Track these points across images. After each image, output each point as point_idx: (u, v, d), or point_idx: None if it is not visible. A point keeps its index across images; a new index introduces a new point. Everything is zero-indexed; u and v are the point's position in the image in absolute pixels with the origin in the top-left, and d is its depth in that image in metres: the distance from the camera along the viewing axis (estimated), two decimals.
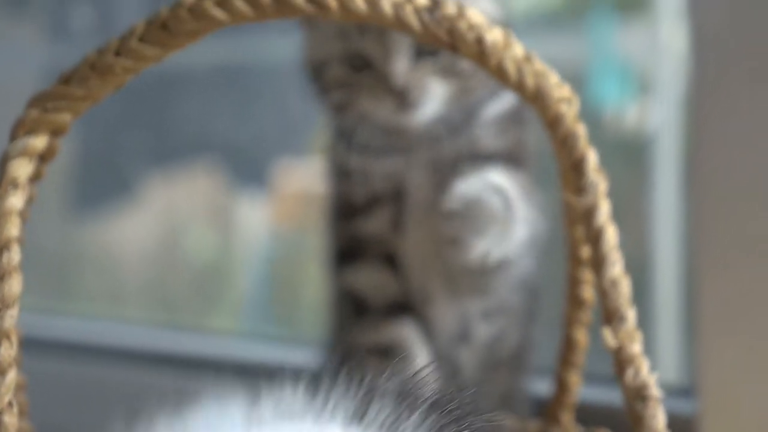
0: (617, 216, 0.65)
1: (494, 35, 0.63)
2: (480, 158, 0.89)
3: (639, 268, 1.29)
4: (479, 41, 0.62)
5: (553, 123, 0.64)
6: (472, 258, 0.84)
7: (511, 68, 0.63)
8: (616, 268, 0.63)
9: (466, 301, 0.91)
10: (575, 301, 0.75)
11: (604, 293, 0.62)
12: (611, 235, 0.63)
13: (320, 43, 0.89)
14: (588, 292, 0.76)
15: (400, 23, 0.61)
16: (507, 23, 0.88)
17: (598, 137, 1.43)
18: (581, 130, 0.64)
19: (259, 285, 1.74)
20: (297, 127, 1.61)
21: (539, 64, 0.64)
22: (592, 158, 0.64)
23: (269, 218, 1.75)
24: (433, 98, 0.86)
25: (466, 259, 0.85)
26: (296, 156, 1.61)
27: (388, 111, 0.86)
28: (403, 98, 0.85)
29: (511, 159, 0.90)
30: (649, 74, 1.39)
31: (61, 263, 1.78)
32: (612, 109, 1.46)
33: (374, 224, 0.91)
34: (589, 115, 1.43)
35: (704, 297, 0.96)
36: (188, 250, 1.81)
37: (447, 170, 0.88)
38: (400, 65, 0.85)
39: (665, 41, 1.30)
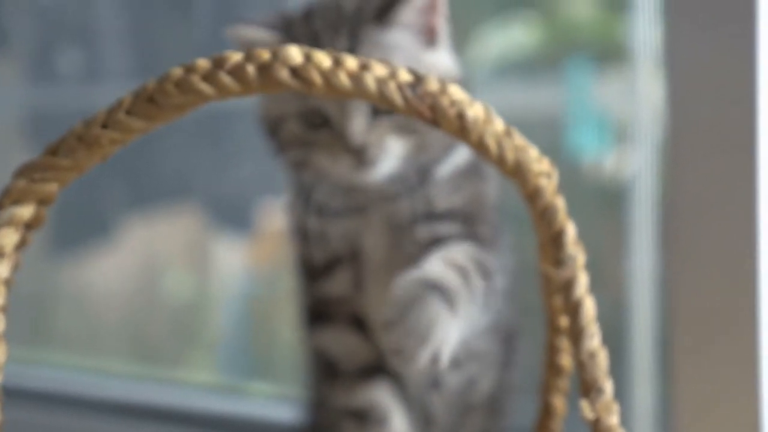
0: (595, 264, 0.66)
1: (475, 111, 0.64)
2: (435, 217, 0.89)
3: (615, 316, 1.29)
4: (460, 117, 0.63)
5: (532, 196, 0.65)
6: (420, 368, 0.79)
7: (491, 143, 0.64)
8: (594, 341, 0.64)
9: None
10: (553, 369, 0.76)
11: (581, 365, 0.63)
12: (589, 308, 0.64)
13: (276, 100, 0.89)
14: (566, 360, 0.77)
15: (383, 99, 0.62)
16: (466, 81, 0.90)
17: (576, 185, 1.45)
18: (560, 203, 0.66)
19: (237, 325, 1.74)
20: (276, 168, 1.62)
21: (519, 139, 0.65)
22: (571, 231, 0.65)
23: (248, 258, 1.75)
24: (390, 156, 0.86)
25: (415, 370, 0.81)
26: (276, 196, 1.61)
27: (345, 169, 0.86)
28: (360, 156, 0.85)
29: (468, 216, 0.90)
30: (626, 123, 1.39)
31: (37, 305, 1.77)
32: (590, 158, 1.46)
33: (336, 286, 0.91)
34: (567, 163, 1.45)
35: (679, 365, 0.97)
36: (166, 292, 1.80)
37: (404, 230, 0.89)
38: (358, 124, 0.85)
39: (642, 90, 1.30)
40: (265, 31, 0.88)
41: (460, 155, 0.90)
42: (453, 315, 0.79)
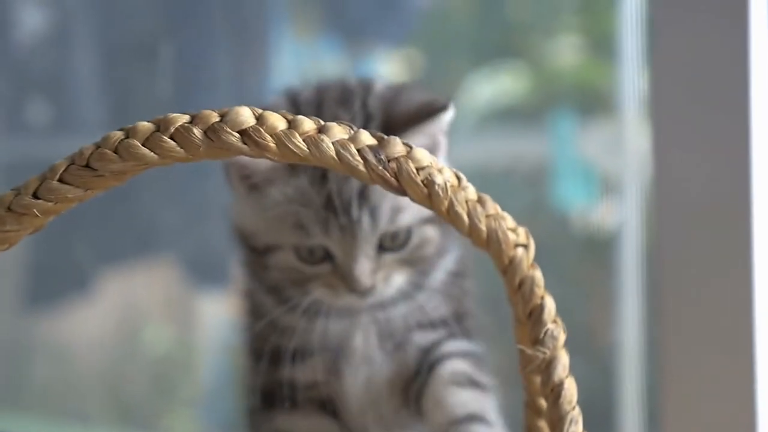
0: (581, 314, 0.60)
1: (445, 177, 0.57)
2: (428, 326, 0.85)
3: (602, 370, 1.26)
4: (429, 184, 0.57)
5: (507, 269, 0.59)
6: None
7: (462, 212, 0.58)
8: (576, 427, 0.57)
9: None
10: None
11: None
12: (570, 392, 0.57)
13: (270, 230, 0.82)
14: None
15: (343, 165, 0.56)
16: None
17: (562, 235, 1.41)
18: (538, 276, 0.59)
19: (220, 379, 1.69)
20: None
21: (492, 207, 0.59)
22: (550, 307, 0.59)
23: (230, 310, 1.69)
24: (393, 287, 0.82)
25: None
26: None
27: (344, 301, 0.82)
28: (363, 293, 0.81)
29: (458, 316, 0.86)
30: (612, 173, 1.37)
31: (12, 360, 1.71)
32: (576, 208, 1.44)
33: (307, 373, 0.85)
34: (554, 213, 1.42)
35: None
36: (146, 345, 1.75)
37: (393, 334, 0.84)
38: (365, 268, 0.80)
39: (629, 140, 1.28)
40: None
41: (451, 260, 0.86)
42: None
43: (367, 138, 0.57)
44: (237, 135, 0.55)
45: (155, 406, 1.71)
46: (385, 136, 0.57)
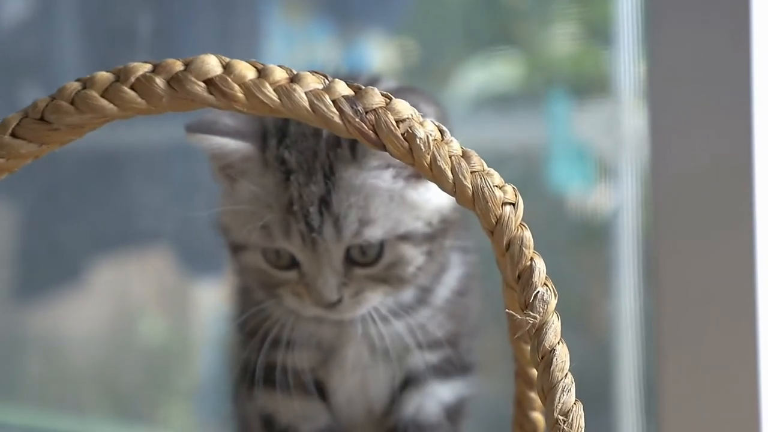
0: (577, 300, 0.56)
1: (427, 130, 0.53)
2: (427, 347, 0.81)
3: (600, 356, 1.22)
4: (409, 137, 0.52)
5: (494, 229, 0.54)
6: None
7: (446, 168, 0.53)
8: (569, 396, 0.53)
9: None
10: (523, 429, 0.64)
11: (554, 426, 0.52)
12: (562, 359, 0.53)
13: (237, 224, 0.78)
14: (538, 417, 0.65)
15: (318, 117, 0.51)
16: (464, 221, 0.81)
17: (558, 220, 1.38)
18: (527, 237, 0.54)
19: (216, 370, 1.65)
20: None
21: (479, 163, 0.54)
22: (540, 268, 0.54)
23: (225, 300, 1.65)
24: (365, 306, 0.77)
25: None
26: None
27: (316, 312, 0.77)
28: (329, 307, 0.76)
29: (455, 339, 0.83)
30: (607, 156, 1.35)
31: (4, 351, 1.67)
32: (572, 192, 1.40)
33: (297, 361, 0.81)
34: (549, 197, 1.39)
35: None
36: (140, 336, 1.71)
37: (388, 351, 0.80)
38: (331, 283, 0.75)
39: (624, 122, 1.25)
40: (235, 143, 0.75)
41: (453, 277, 0.82)
42: None
43: (342, 88, 0.52)
44: (202, 84, 0.50)
45: (151, 398, 1.67)
46: (363, 87, 0.53)
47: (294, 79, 0.51)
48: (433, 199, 0.76)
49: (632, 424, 1.18)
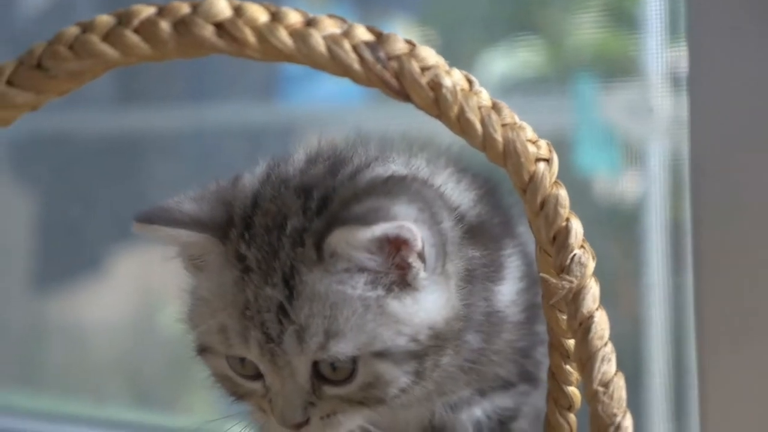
0: (609, 286, 0.52)
1: (454, 79, 0.48)
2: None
3: (631, 338, 1.18)
4: (435, 86, 0.47)
5: (527, 186, 0.49)
6: None
7: (475, 120, 0.48)
8: (609, 366, 0.48)
9: None
10: (559, 402, 0.58)
11: (593, 397, 0.47)
12: (602, 326, 0.48)
13: (200, 323, 0.68)
14: (574, 391, 0.59)
15: (337, 64, 0.47)
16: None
17: (586, 205, 1.34)
18: (563, 195, 0.49)
19: None
20: None
21: (510, 115, 0.49)
22: (576, 229, 0.49)
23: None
24: (342, 429, 0.67)
25: None
26: None
27: (276, 430, 0.68)
28: (293, 429, 0.67)
29: (482, 393, 0.73)
30: (635, 141, 1.31)
31: (25, 341, 1.64)
32: (600, 177, 1.36)
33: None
34: (576, 183, 1.35)
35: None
36: (161, 326, 1.67)
37: None
38: (292, 399, 0.66)
39: (652, 105, 1.22)
40: (188, 234, 0.66)
41: (475, 340, 0.69)
42: None
43: (363, 33, 0.47)
44: (211, 28, 0.46)
45: (172, 387, 1.63)
46: (384, 32, 0.48)
47: (310, 22, 0.47)
48: (421, 312, 0.65)
49: (661, 409, 1.13)
